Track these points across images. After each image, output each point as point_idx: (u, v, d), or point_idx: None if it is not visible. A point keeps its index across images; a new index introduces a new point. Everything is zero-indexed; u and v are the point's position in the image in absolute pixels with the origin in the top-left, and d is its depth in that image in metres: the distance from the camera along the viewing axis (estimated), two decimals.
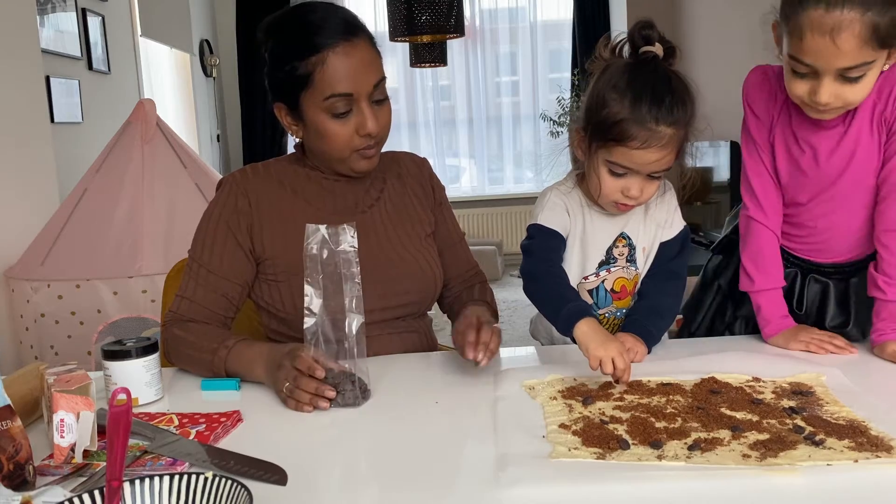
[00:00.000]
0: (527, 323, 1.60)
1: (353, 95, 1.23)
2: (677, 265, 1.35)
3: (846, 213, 1.29)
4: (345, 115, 1.24)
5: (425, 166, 1.49)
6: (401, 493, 0.83)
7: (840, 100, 1.13)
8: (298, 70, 1.23)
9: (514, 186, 6.73)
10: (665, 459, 0.86)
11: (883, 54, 1.09)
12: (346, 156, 1.29)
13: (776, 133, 1.29)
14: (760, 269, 1.33)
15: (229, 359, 1.23)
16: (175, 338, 1.30)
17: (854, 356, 1.23)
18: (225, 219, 1.33)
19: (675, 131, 1.17)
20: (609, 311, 1.37)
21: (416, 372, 1.27)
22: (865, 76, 1.10)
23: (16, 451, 0.84)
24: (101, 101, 4.23)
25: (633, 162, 1.19)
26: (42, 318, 2.52)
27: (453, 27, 3.78)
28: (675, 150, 1.20)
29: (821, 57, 1.08)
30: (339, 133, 1.25)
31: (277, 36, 1.27)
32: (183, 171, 2.77)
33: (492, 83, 6.59)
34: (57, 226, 2.64)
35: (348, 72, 1.22)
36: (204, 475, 0.76)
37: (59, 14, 3.82)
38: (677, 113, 1.16)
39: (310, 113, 1.26)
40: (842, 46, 1.05)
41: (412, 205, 1.43)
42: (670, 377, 1.12)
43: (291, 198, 1.35)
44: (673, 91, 1.18)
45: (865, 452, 0.85)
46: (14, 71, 2.71)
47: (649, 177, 1.22)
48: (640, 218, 1.34)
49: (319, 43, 1.21)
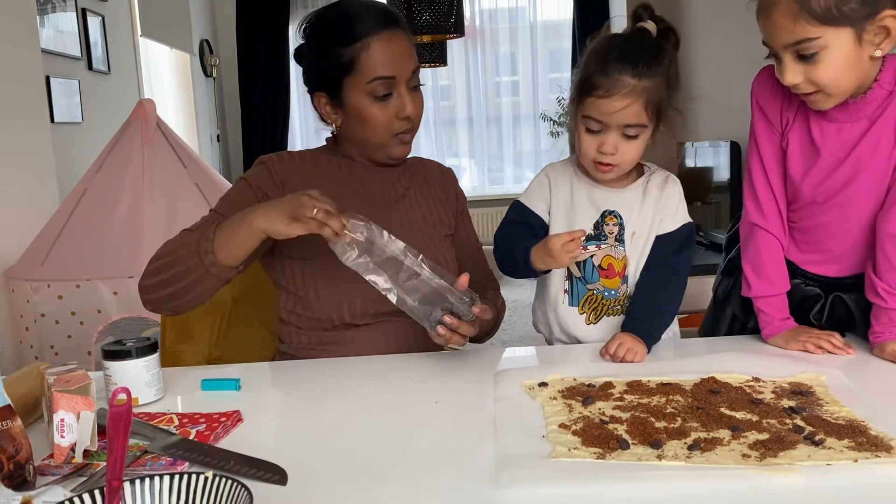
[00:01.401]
0: (527, 323, 1.61)
1: (394, 79, 1.31)
2: (678, 261, 1.35)
3: (863, 218, 1.25)
4: (385, 98, 1.31)
5: (451, 175, 1.56)
6: (401, 493, 0.83)
7: (809, 82, 1.13)
8: (343, 57, 1.30)
9: (514, 186, 6.72)
10: (665, 459, 0.86)
11: (833, 31, 1.08)
12: (386, 140, 1.35)
13: (791, 135, 1.27)
14: (761, 275, 1.32)
15: (218, 229, 1.20)
16: (158, 252, 1.25)
17: (854, 356, 1.23)
18: (256, 184, 1.36)
19: (638, 82, 1.22)
20: (597, 287, 1.37)
21: (416, 372, 1.27)
22: (824, 54, 1.09)
23: (16, 451, 0.84)
24: (101, 101, 4.23)
25: (600, 112, 1.25)
26: (42, 318, 2.52)
27: (453, 27, 3.78)
28: (642, 104, 1.23)
29: (769, 36, 1.14)
30: (379, 116, 1.32)
31: (320, 28, 1.34)
32: (183, 171, 2.77)
33: (492, 83, 6.59)
34: (57, 226, 2.64)
35: (390, 56, 1.30)
36: (204, 475, 0.76)
37: (59, 14, 3.82)
38: (642, 67, 1.22)
39: (352, 98, 1.32)
40: (777, 23, 1.10)
41: (435, 206, 1.48)
42: (670, 377, 1.12)
43: (320, 183, 1.36)
44: (643, 49, 1.24)
45: (865, 452, 0.85)
46: (14, 71, 2.71)
47: (625, 136, 1.26)
48: (635, 200, 1.35)
49: (363, 30, 1.29)
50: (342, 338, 1.38)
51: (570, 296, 1.39)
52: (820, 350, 1.24)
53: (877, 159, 1.20)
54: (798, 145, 1.27)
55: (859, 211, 1.25)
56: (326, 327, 1.38)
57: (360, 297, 1.34)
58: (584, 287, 1.37)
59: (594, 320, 1.38)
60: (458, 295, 1.18)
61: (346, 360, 1.34)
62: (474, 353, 1.42)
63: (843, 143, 1.22)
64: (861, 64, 1.12)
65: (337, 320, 1.36)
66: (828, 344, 1.24)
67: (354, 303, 1.35)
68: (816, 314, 1.35)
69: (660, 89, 1.25)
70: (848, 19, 1.07)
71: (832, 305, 1.34)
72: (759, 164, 1.32)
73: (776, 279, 1.32)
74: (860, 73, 1.14)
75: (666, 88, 1.26)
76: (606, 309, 1.37)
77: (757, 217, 1.33)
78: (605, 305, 1.37)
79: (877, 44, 1.10)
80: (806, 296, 1.36)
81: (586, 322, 1.38)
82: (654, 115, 1.26)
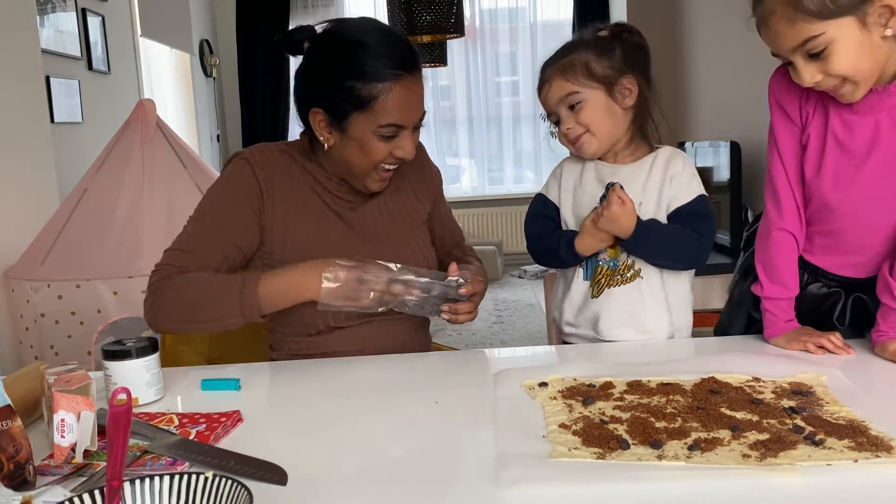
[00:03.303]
0: (527, 323, 1.62)
1: (404, 127, 1.30)
2: (700, 228, 1.36)
3: (884, 213, 1.23)
4: (390, 139, 1.30)
5: (420, 149, 1.50)
6: (400, 493, 0.83)
7: (828, 77, 1.12)
8: (359, 91, 1.26)
9: (514, 186, 6.73)
10: (665, 459, 0.86)
11: (835, 24, 1.07)
12: (370, 172, 1.33)
13: (811, 131, 1.25)
14: (773, 278, 1.31)
15: (264, 279, 1.25)
16: (180, 284, 1.26)
17: (854, 356, 1.23)
18: (241, 184, 1.34)
19: (554, 67, 1.38)
20: (603, 258, 1.40)
21: (416, 372, 1.27)
22: (833, 48, 1.09)
23: (16, 451, 0.84)
24: (101, 101, 4.23)
25: (545, 104, 1.42)
26: (42, 318, 2.52)
27: (453, 27, 3.78)
28: (564, 78, 1.36)
29: (775, 45, 1.14)
30: (379, 151, 1.31)
31: (337, 53, 1.28)
32: (183, 171, 2.77)
33: (492, 83, 6.59)
34: (57, 226, 2.64)
35: (407, 105, 1.29)
36: (204, 475, 0.76)
37: (59, 14, 3.82)
38: (556, 55, 1.39)
39: (357, 131, 1.29)
40: (778, 31, 1.12)
41: (408, 197, 1.47)
42: (670, 377, 1.12)
43: (298, 182, 1.38)
44: (562, 46, 1.40)
45: (865, 452, 0.85)
46: (14, 71, 2.71)
47: (571, 110, 1.38)
48: (641, 174, 1.39)
49: (386, 72, 1.26)
50: (329, 340, 1.38)
51: (585, 269, 1.42)
52: (820, 350, 1.24)
53: None
54: (818, 139, 1.24)
55: (888, 211, 1.22)
56: (311, 332, 1.38)
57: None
58: (596, 260, 1.41)
59: (597, 294, 1.40)
60: (443, 286, 1.31)
61: (346, 361, 1.34)
62: (474, 353, 1.42)
63: (866, 137, 1.19)
64: (875, 47, 1.10)
65: (322, 325, 1.36)
66: (828, 343, 1.23)
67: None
68: (839, 317, 1.33)
69: (581, 59, 1.35)
70: (845, 8, 1.07)
71: (853, 305, 1.33)
72: (778, 162, 1.30)
73: (788, 282, 1.31)
74: (878, 56, 1.11)
75: (595, 55, 1.35)
76: (608, 280, 1.40)
77: (775, 216, 1.32)
78: (607, 276, 1.40)
79: (883, 24, 1.08)
80: (826, 295, 1.34)
81: (591, 296, 1.40)
82: (583, 78, 1.35)
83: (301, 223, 1.36)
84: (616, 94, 1.36)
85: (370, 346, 1.38)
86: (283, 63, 6.11)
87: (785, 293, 1.31)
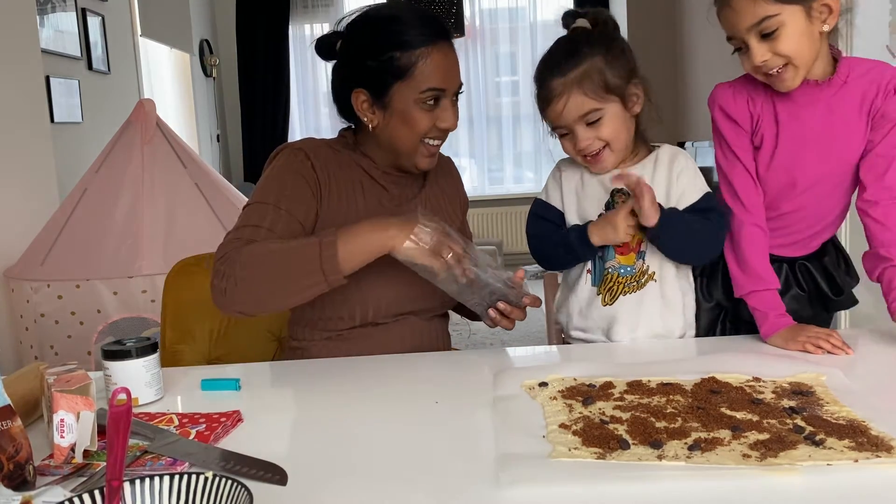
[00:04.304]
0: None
1: (444, 91, 1.32)
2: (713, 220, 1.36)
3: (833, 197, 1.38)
4: (431, 107, 1.32)
5: (456, 172, 1.61)
6: (401, 493, 0.83)
7: (776, 56, 1.24)
8: (399, 61, 1.29)
9: (514, 186, 6.73)
10: (665, 459, 0.86)
11: (788, 9, 1.21)
12: (416, 147, 1.35)
13: (763, 131, 1.35)
14: (748, 272, 1.35)
15: (342, 235, 1.19)
16: (250, 261, 1.20)
17: (854, 356, 1.23)
18: (300, 171, 1.34)
19: (566, 78, 1.31)
20: (612, 265, 1.39)
21: (416, 372, 1.27)
22: (783, 30, 1.22)
23: (16, 451, 0.84)
24: (101, 101, 4.23)
25: (555, 119, 1.35)
26: (42, 318, 2.52)
27: (453, 27, 3.78)
28: (582, 93, 1.31)
29: (733, 25, 1.25)
30: (423, 122, 1.32)
31: (375, 29, 1.33)
32: (183, 171, 2.77)
33: (492, 83, 6.59)
34: (57, 226, 2.64)
35: (445, 69, 1.32)
36: (204, 475, 0.76)
37: (59, 14, 3.82)
38: (564, 64, 1.32)
39: (400, 102, 1.31)
40: (740, 9, 1.23)
41: (446, 203, 1.52)
42: (670, 377, 1.12)
43: (349, 173, 1.39)
44: (561, 49, 1.35)
45: (866, 452, 0.85)
46: (14, 71, 2.71)
47: (588, 125, 1.33)
48: (644, 175, 1.36)
49: (423, 39, 1.30)
50: (359, 335, 1.39)
51: (593, 275, 1.41)
52: (819, 350, 1.24)
53: (840, 141, 1.31)
54: (771, 134, 1.34)
55: (829, 192, 1.37)
56: (346, 326, 1.38)
57: (385, 298, 1.36)
58: (604, 266, 1.39)
59: (610, 301, 1.39)
60: (506, 285, 1.27)
61: (346, 360, 1.34)
62: (474, 353, 1.42)
63: (812, 124, 1.32)
64: (814, 38, 1.25)
65: (359, 319, 1.37)
66: (827, 344, 1.24)
67: (380, 303, 1.36)
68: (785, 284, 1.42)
69: (596, 70, 1.31)
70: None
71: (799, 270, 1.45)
72: (736, 164, 1.38)
73: (764, 274, 1.35)
74: (815, 47, 1.26)
75: (606, 65, 1.31)
76: (622, 287, 1.38)
77: (740, 212, 1.36)
78: (620, 284, 1.38)
79: (823, 20, 1.24)
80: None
81: (602, 304, 1.39)
82: (603, 92, 1.31)
83: (354, 213, 1.36)
84: (628, 103, 1.34)
85: (395, 346, 1.39)
86: (284, 63, 6.12)
87: (763, 284, 1.34)
